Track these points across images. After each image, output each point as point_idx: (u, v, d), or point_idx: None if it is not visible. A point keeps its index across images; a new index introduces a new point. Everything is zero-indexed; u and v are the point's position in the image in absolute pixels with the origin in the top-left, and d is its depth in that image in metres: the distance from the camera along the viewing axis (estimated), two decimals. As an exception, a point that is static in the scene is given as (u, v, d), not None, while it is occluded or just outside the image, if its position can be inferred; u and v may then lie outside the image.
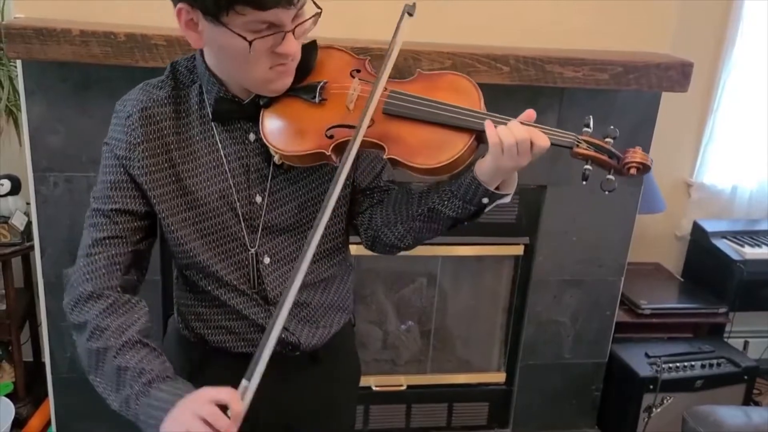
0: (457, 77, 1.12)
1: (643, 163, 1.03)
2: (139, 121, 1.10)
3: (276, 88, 1.07)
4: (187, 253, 1.14)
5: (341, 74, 1.12)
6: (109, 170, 1.12)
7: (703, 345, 2.44)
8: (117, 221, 1.11)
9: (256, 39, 0.97)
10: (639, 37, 2.02)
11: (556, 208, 2.15)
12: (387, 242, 1.20)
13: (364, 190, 1.22)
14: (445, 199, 1.11)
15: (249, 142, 1.13)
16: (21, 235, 2.15)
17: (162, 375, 1.03)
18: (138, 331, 1.07)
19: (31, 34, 1.60)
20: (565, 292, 2.26)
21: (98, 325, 1.06)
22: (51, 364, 2.04)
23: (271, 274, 1.18)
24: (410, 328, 2.43)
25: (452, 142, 1.05)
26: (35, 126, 1.81)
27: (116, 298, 1.09)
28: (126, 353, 1.04)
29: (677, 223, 2.87)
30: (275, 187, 1.15)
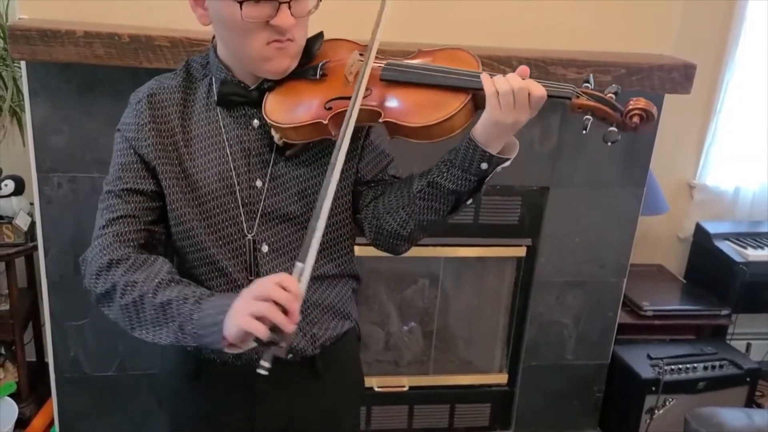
0: (456, 50, 1.13)
1: (646, 109, 0.99)
2: (148, 104, 1.14)
3: (275, 68, 1.09)
4: (187, 232, 1.15)
5: (343, 55, 1.15)
6: (119, 153, 1.15)
7: (706, 347, 2.44)
8: (128, 201, 1.12)
9: (246, 2, 0.99)
10: (642, 38, 2.02)
11: (558, 210, 2.15)
12: (390, 230, 1.17)
13: (368, 183, 1.22)
14: (444, 170, 1.09)
15: (252, 127, 1.15)
16: (25, 235, 2.15)
17: (206, 293, 1.04)
18: (167, 272, 1.07)
19: (35, 35, 1.61)
20: (568, 294, 2.26)
21: (127, 281, 1.06)
22: (54, 364, 2.05)
23: (268, 264, 1.17)
24: (412, 329, 2.43)
25: (448, 101, 1.05)
26: (39, 126, 1.81)
27: (135, 257, 1.09)
28: (164, 290, 1.04)
29: (680, 225, 2.86)
30: (276, 173, 1.16)
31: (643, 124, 1.00)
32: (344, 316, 1.27)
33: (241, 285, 1.17)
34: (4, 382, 2.32)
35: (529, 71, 1.04)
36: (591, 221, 2.18)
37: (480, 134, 1.04)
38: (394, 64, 1.10)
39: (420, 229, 1.16)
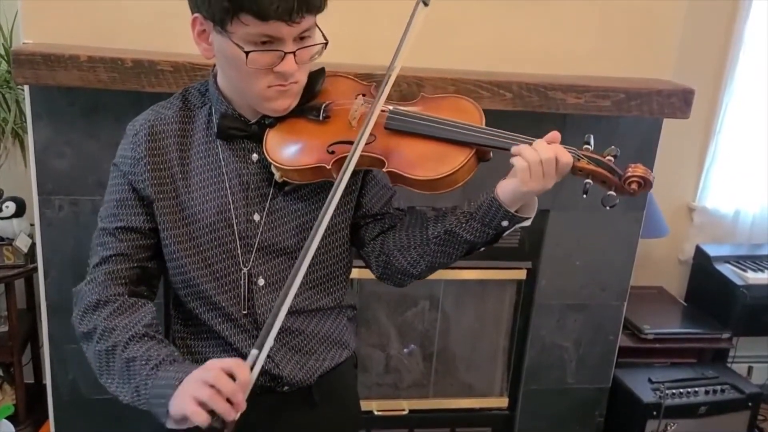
0: (459, 99, 1.14)
1: (644, 177, 1.03)
2: (145, 137, 1.13)
3: (275, 108, 1.09)
4: (181, 268, 1.15)
5: (346, 96, 1.15)
6: (115, 189, 1.15)
7: (707, 371, 2.43)
8: (122, 239, 1.12)
9: (253, 51, 1.00)
10: (641, 63, 2.04)
11: (559, 233, 2.16)
12: (399, 268, 1.18)
13: (374, 216, 1.22)
14: (463, 221, 1.10)
15: (252, 161, 1.14)
16: (24, 257, 2.15)
17: (168, 359, 1.03)
18: (145, 325, 1.07)
19: (39, 60, 1.62)
20: (568, 317, 2.25)
21: (106, 327, 1.07)
22: (52, 387, 2.03)
23: (263, 298, 1.17)
24: (412, 351, 2.42)
25: (452, 155, 1.06)
26: (41, 149, 1.82)
27: (123, 301, 1.10)
28: (133, 346, 1.04)
29: (680, 247, 2.87)
30: (274, 207, 1.15)
31: (641, 190, 1.04)
32: (342, 346, 1.26)
33: (236, 319, 1.17)
34: (1, 404, 2.31)
35: (560, 137, 1.05)
36: (591, 244, 2.18)
37: (504, 195, 1.06)
38: (399, 112, 1.10)
39: (430, 269, 1.18)
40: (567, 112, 1.91)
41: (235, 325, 1.18)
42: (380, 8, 1.83)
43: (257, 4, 0.95)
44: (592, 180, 1.05)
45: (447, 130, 1.07)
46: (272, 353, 1.18)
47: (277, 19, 0.97)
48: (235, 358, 0.97)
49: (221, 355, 1.19)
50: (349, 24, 1.16)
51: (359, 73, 1.72)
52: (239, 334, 1.18)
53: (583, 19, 1.97)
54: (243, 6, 0.96)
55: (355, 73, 1.70)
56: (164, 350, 1.05)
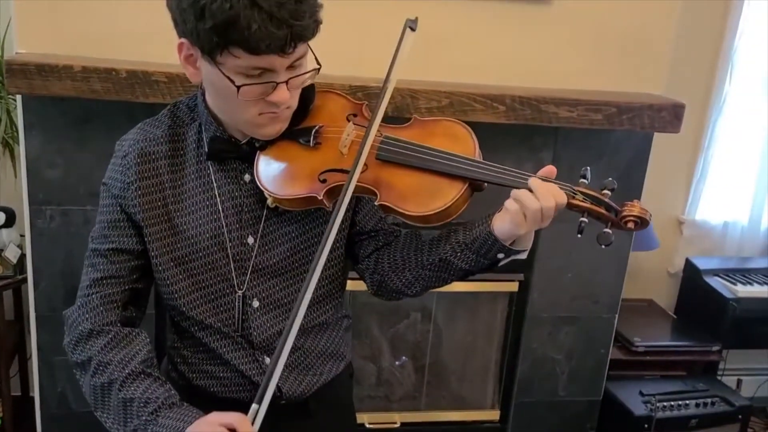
0: (453, 124, 1.11)
1: (641, 217, 1.01)
2: (135, 159, 1.10)
3: (266, 133, 1.07)
4: (171, 294, 1.14)
5: (337, 118, 1.12)
6: (106, 210, 1.13)
7: (697, 383, 2.44)
8: (114, 261, 1.11)
9: (244, 85, 0.97)
10: (632, 78, 2.06)
11: (551, 245, 2.16)
12: (393, 288, 1.17)
13: (368, 233, 1.21)
14: (458, 250, 1.09)
15: (244, 182, 1.12)
16: (13, 267, 2.13)
17: (167, 402, 1.03)
18: (141, 361, 1.07)
19: (32, 70, 1.61)
20: (560, 329, 2.25)
21: (101, 360, 1.06)
22: (40, 400, 2.01)
23: (258, 319, 1.16)
24: (404, 363, 2.41)
25: (445, 189, 1.03)
26: (33, 159, 1.81)
27: (116, 332, 1.09)
28: (130, 385, 1.04)
29: (670, 260, 2.88)
30: (268, 229, 1.14)
31: (637, 229, 1.03)
32: (339, 358, 1.26)
33: (232, 337, 1.16)
34: (-13, 418, 2.27)
35: (555, 171, 1.03)
36: (583, 257, 2.19)
37: (501, 232, 1.04)
38: (391, 141, 1.07)
39: (424, 290, 1.17)
40: (559, 126, 1.92)
41: (230, 342, 1.17)
42: (371, 22, 1.84)
43: (249, 40, 0.91)
44: (587, 217, 1.03)
45: (440, 162, 1.04)
46: None
47: (269, 53, 0.94)
48: (237, 413, 0.97)
49: (216, 366, 1.18)
50: (340, 37, 1.17)
51: (352, 85, 1.74)
52: (234, 351, 1.17)
53: (576, 33, 1.98)
54: (234, 41, 0.92)
55: (346, 85, 1.73)
56: (161, 391, 1.05)
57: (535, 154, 2.07)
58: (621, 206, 1.03)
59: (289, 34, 0.92)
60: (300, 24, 0.93)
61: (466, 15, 1.92)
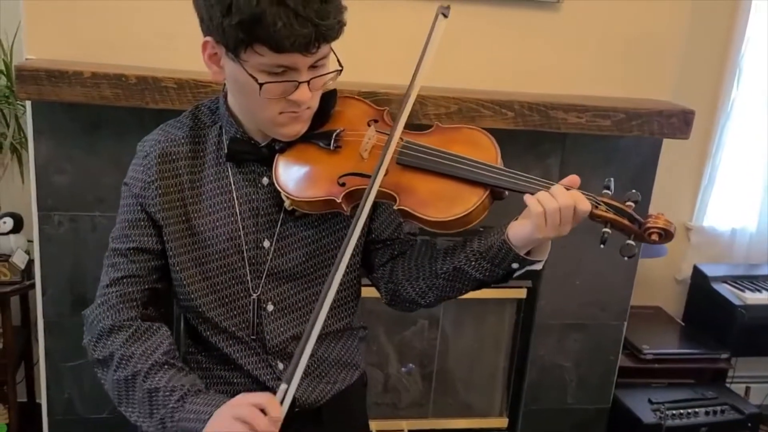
0: (475, 131, 1.10)
1: (665, 229, 1.00)
2: (156, 159, 1.11)
3: (286, 133, 1.07)
4: (188, 295, 1.14)
5: (358, 123, 1.12)
6: (126, 209, 1.13)
7: (706, 391, 2.42)
8: (134, 260, 1.12)
9: (267, 83, 0.98)
10: (640, 83, 2.05)
11: (559, 252, 2.12)
12: (407, 297, 1.17)
13: (384, 241, 1.20)
14: (472, 259, 1.08)
15: (262, 185, 1.13)
16: (21, 273, 2.13)
17: (193, 389, 1.03)
18: (164, 352, 1.07)
19: (42, 76, 1.61)
20: (568, 336, 2.24)
21: (124, 354, 1.06)
22: (47, 406, 2.00)
23: (272, 323, 1.16)
24: (411, 371, 2.40)
25: (465, 195, 1.02)
26: (42, 165, 1.81)
27: (138, 326, 1.10)
28: (155, 375, 1.04)
29: (677, 267, 2.87)
30: (284, 233, 1.14)
31: (661, 241, 1.01)
32: (353, 367, 1.26)
33: (246, 342, 1.16)
34: (-6, 424, 2.27)
35: (579, 181, 1.02)
36: (591, 264, 2.18)
37: (517, 240, 1.03)
38: (412, 147, 1.07)
39: (439, 300, 1.16)
40: (568, 132, 1.91)
41: (244, 347, 1.17)
42: (385, 27, 1.84)
43: (274, 37, 0.92)
44: (610, 228, 1.01)
45: (462, 168, 1.03)
46: (283, 376, 1.16)
47: (293, 51, 0.95)
48: (266, 393, 0.97)
49: (230, 372, 1.19)
50: (354, 43, 1.16)
51: (360, 91, 1.73)
52: (248, 356, 1.17)
53: (584, 39, 1.98)
54: (259, 38, 0.94)
55: (355, 91, 1.72)
56: (187, 379, 1.05)
57: (542, 161, 2.06)
58: (645, 218, 1.01)
59: (313, 33, 0.93)
60: (325, 23, 0.94)
61: (473, 21, 1.92)
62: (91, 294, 1.90)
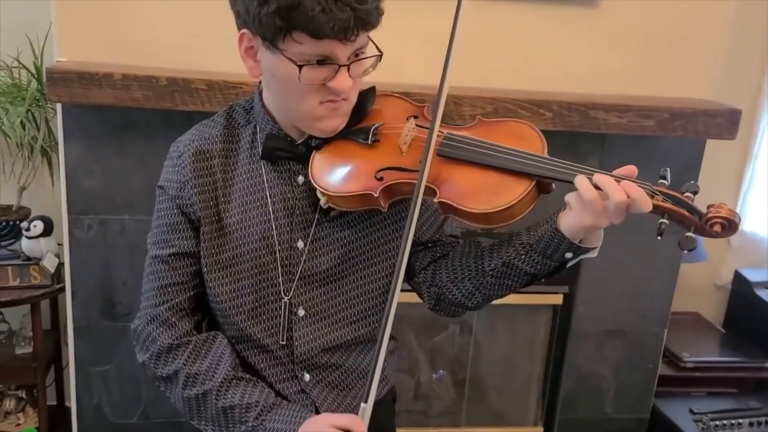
0: (519, 124, 1.06)
1: (729, 219, 0.91)
2: (190, 158, 1.09)
3: (325, 128, 1.04)
4: (216, 297, 1.11)
5: (397, 118, 1.09)
6: (164, 213, 1.11)
7: (750, 401, 2.34)
8: (175, 267, 1.10)
9: (306, 65, 0.95)
10: (682, 82, 1.99)
11: (597, 257, 2.06)
12: (453, 300, 1.12)
13: (425, 243, 1.16)
14: (522, 252, 1.03)
15: (297, 184, 1.10)
16: (51, 277, 2.12)
17: (268, 404, 1.04)
18: (229, 366, 1.07)
19: (73, 78, 1.60)
20: (606, 344, 2.18)
21: (189, 372, 1.07)
22: (77, 411, 1.99)
23: (303, 329, 1.12)
24: (443, 377, 2.35)
25: (510, 187, 0.97)
26: (72, 168, 1.80)
27: (196, 341, 1.09)
28: (226, 392, 1.05)
29: (716, 272, 2.78)
30: (319, 234, 1.10)
31: (724, 233, 0.92)
32: (382, 380, 1.21)
33: (272, 351, 1.13)
34: (24, 427, 2.27)
35: (636, 171, 0.96)
36: (631, 269, 2.11)
37: (567, 229, 0.98)
38: (453, 138, 1.03)
39: (486, 301, 1.11)
40: (608, 132, 1.85)
41: (269, 357, 1.13)
42: (411, 27, 1.80)
43: (312, 23, 0.90)
44: (668, 219, 0.94)
45: (505, 158, 0.98)
46: (309, 389, 1.14)
47: (332, 38, 0.93)
48: (350, 415, 0.98)
49: None
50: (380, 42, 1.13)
51: (398, 91, 1.69)
52: (273, 367, 1.14)
53: (624, 36, 1.92)
54: (297, 24, 0.91)
55: (395, 92, 1.68)
56: (258, 392, 1.05)
57: (580, 162, 1.99)
58: (706, 208, 0.94)
59: (352, 17, 0.92)
60: (363, 8, 0.92)
61: (510, 19, 1.87)
62: (120, 298, 1.90)
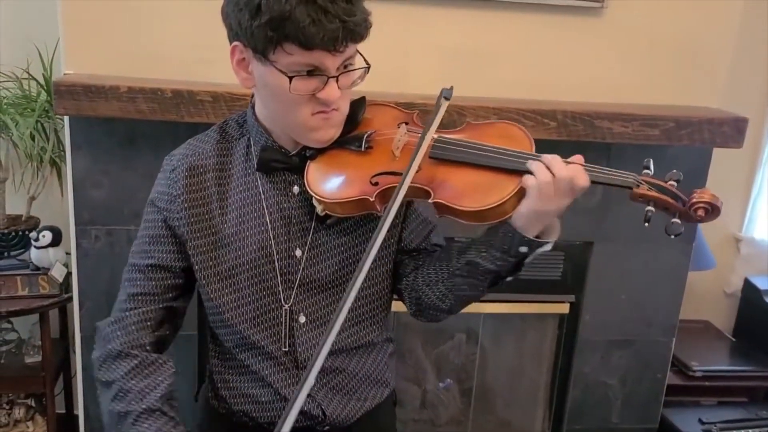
0: (508, 125, 1.09)
1: (711, 203, 0.97)
2: (183, 173, 1.11)
3: (318, 138, 1.06)
4: (217, 308, 1.12)
5: (388, 125, 1.11)
6: (149, 224, 1.13)
7: (760, 410, 2.31)
8: (151, 277, 1.11)
9: (296, 76, 0.97)
10: (687, 91, 1.98)
11: (603, 265, 2.08)
12: (429, 303, 1.14)
13: (411, 252, 1.18)
14: (482, 250, 1.06)
15: (292, 194, 1.11)
16: (60, 286, 2.14)
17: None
18: (160, 396, 1.07)
19: (80, 91, 1.62)
20: (613, 353, 2.16)
21: (122, 387, 1.07)
22: (84, 419, 2.01)
23: (304, 335, 1.13)
24: (449, 386, 2.35)
25: (501, 184, 1.00)
26: (79, 179, 1.82)
27: (144, 357, 1.09)
28: (144, 422, 1.05)
29: (726, 280, 2.75)
30: (316, 242, 1.12)
31: (708, 217, 0.98)
32: (383, 384, 1.23)
33: (276, 357, 1.14)
34: (32, 436, 2.28)
35: (582, 159, 1.01)
36: (638, 277, 2.10)
37: (519, 219, 1.01)
38: (444, 140, 1.06)
39: (459, 303, 1.13)
40: (613, 141, 1.85)
41: (274, 363, 1.14)
42: (415, 37, 1.80)
43: (303, 33, 0.93)
44: (654, 207, 0.99)
45: (495, 157, 1.02)
46: (314, 392, 1.14)
47: (321, 49, 0.95)
48: None
49: (259, 390, 1.16)
50: (384, 53, 1.14)
51: (401, 102, 1.70)
52: (278, 372, 1.14)
53: (628, 45, 1.92)
54: (288, 35, 0.94)
55: (398, 102, 1.69)
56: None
57: (586, 171, 1.99)
58: (689, 195, 0.99)
59: (341, 29, 0.94)
60: (352, 20, 0.95)
61: (513, 28, 1.87)
62: (127, 308, 1.91)
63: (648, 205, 0.99)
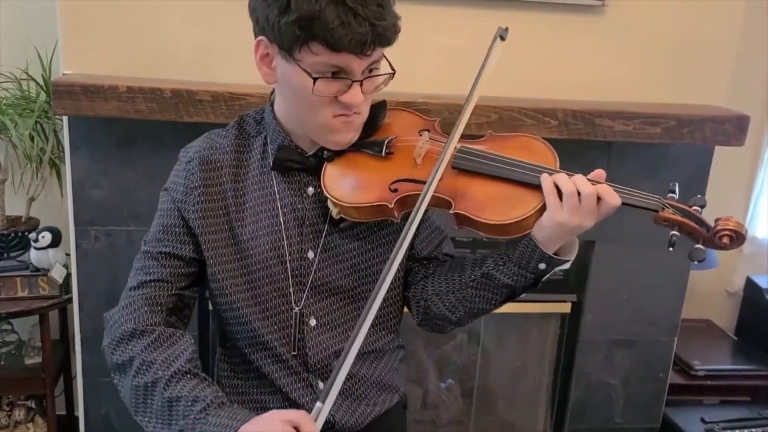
0: (530, 139, 1.08)
1: (736, 231, 0.96)
2: (199, 166, 1.09)
3: (338, 140, 1.05)
4: (230, 305, 1.11)
5: (409, 132, 1.10)
6: (164, 214, 1.11)
7: (763, 410, 2.30)
8: (164, 265, 1.09)
9: (320, 78, 0.96)
10: (689, 89, 1.97)
11: (605, 265, 2.07)
12: (438, 313, 1.13)
13: (421, 260, 1.17)
14: (499, 263, 1.04)
15: (307, 195, 1.10)
16: (59, 287, 2.13)
17: (216, 401, 0.98)
18: (187, 360, 1.02)
19: (78, 91, 1.61)
20: (616, 353, 2.15)
21: (144, 360, 1.02)
22: (85, 420, 2.00)
23: (315, 338, 1.12)
24: (451, 387, 2.34)
25: (525, 199, 0.99)
26: (79, 180, 1.81)
27: (161, 332, 1.06)
28: (176, 383, 0.99)
29: (728, 279, 2.75)
30: (329, 245, 1.11)
31: (732, 244, 0.97)
32: (393, 389, 1.21)
33: (285, 360, 1.12)
34: (33, 438, 2.28)
35: (605, 175, 1.00)
36: (640, 277, 2.09)
37: (539, 233, 0.99)
38: (467, 151, 1.05)
39: (470, 315, 1.12)
40: (614, 140, 1.84)
41: (284, 366, 1.13)
42: (417, 37, 1.79)
43: (331, 35, 0.91)
44: (678, 231, 0.98)
45: (519, 171, 1.01)
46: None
47: (348, 51, 0.94)
48: (299, 411, 0.93)
49: (268, 396, 1.15)
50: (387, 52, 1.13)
51: (402, 101, 1.69)
52: (288, 376, 1.13)
53: (630, 43, 1.91)
54: (316, 35, 0.92)
55: (399, 102, 1.68)
56: (210, 391, 1.00)
57: (587, 170, 1.98)
58: (714, 221, 0.99)
59: (370, 33, 0.93)
60: (381, 24, 0.93)
61: (514, 27, 1.84)
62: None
63: (673, 229, 0.99)
